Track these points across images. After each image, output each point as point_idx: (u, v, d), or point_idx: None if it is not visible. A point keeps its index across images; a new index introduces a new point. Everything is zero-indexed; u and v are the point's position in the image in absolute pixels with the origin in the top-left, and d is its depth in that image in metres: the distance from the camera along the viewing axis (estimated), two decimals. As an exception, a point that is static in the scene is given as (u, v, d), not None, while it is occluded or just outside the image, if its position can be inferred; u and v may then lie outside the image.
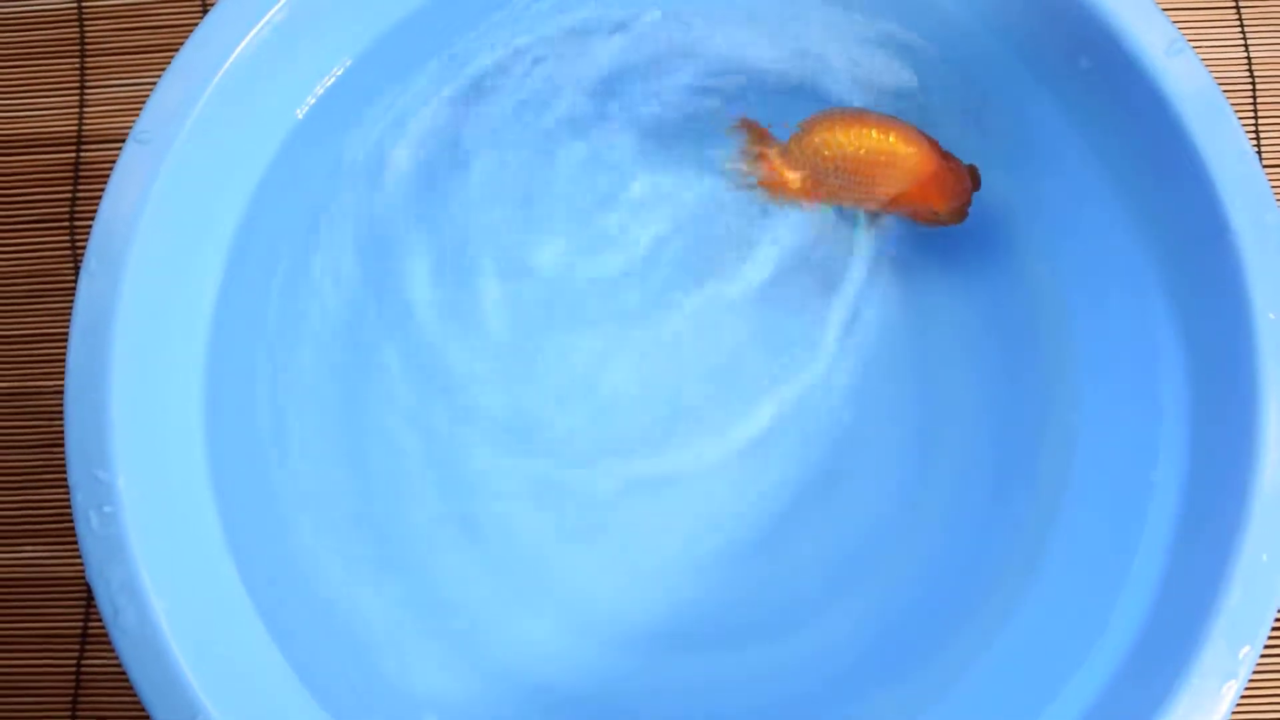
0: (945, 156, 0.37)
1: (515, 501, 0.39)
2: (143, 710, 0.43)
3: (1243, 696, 0.41)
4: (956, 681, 0.35)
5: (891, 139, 0.36)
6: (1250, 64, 0.46)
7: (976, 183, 0.38)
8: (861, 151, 0.37)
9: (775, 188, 0.38)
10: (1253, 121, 0.45)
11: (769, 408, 0.40)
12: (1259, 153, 0.45)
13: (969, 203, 0.37)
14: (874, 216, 0.39)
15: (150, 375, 0.33)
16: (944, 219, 0.38)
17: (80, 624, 0.44)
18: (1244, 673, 0.31)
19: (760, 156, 0.38)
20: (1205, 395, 0.34)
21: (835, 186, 0.38)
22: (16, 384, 0.45)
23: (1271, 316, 0.32)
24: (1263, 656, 0.41)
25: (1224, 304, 0.33)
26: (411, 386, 0.40)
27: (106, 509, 0.32)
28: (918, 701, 0.35)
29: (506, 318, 0.40)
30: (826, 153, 0.37)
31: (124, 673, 0.43)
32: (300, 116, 0.36)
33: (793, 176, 0.37)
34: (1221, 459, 0.33)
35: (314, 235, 0.38)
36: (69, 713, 0.43)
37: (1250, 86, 0.46)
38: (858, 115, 0.37)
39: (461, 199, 0.41)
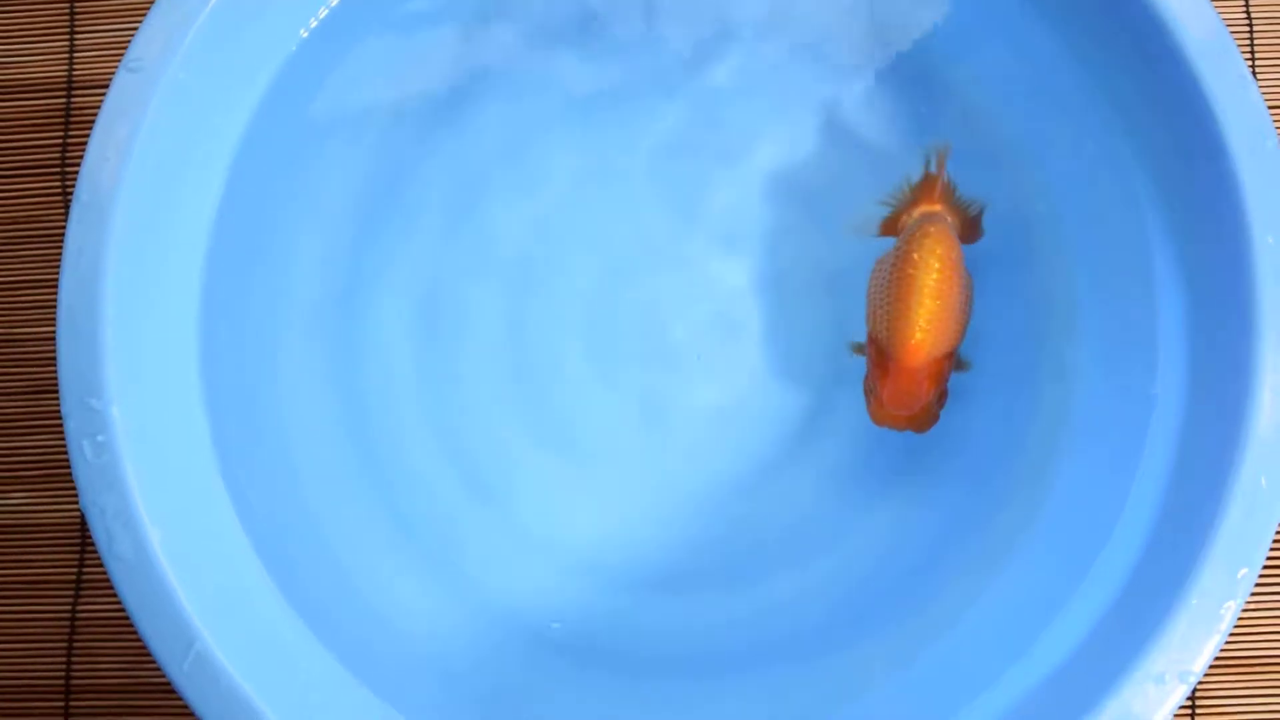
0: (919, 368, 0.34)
1: (508, 432, 0.39)
2: (138, 654, 0.43)
3: (1244, 629, 0.41)
4: (960, 616, 0.36)
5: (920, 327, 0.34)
6: (1248, 3, 0.46)
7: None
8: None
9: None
10: (1249, 58, 0.45)
11: (759, 345, 0.40)
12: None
13: (904, 420, 0.35)
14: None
15: (144, 303, 0.33)
16: (879, 400, 0.35)
17: (75, 570, 0.44)
18: (1242, 593, 0.31)
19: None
20: (1202, 318, 0.34)
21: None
22: (5, 330, 0.45)
23: (1270, 240, 0.32)
24: (1262, 586, 0.42)
25: (1221, 228, 0.33)
26: (410, 312, 0.39)
27: (100, 438, 0.32)
28: (929, 630, 0.35)
29: (512, 239, 0.40)
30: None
31: (119, 618, 0.43)
32: (300, 40, 0.36)
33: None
34: (1219, 384, 0.33)
35: (313, 161, 0.38)
36: (64, 657, 0.43)
37: (1248, 26, 0.45)
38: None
39: (473, 126, 0.40)
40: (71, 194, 0.46)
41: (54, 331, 0.44)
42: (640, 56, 0.41)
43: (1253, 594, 0.41)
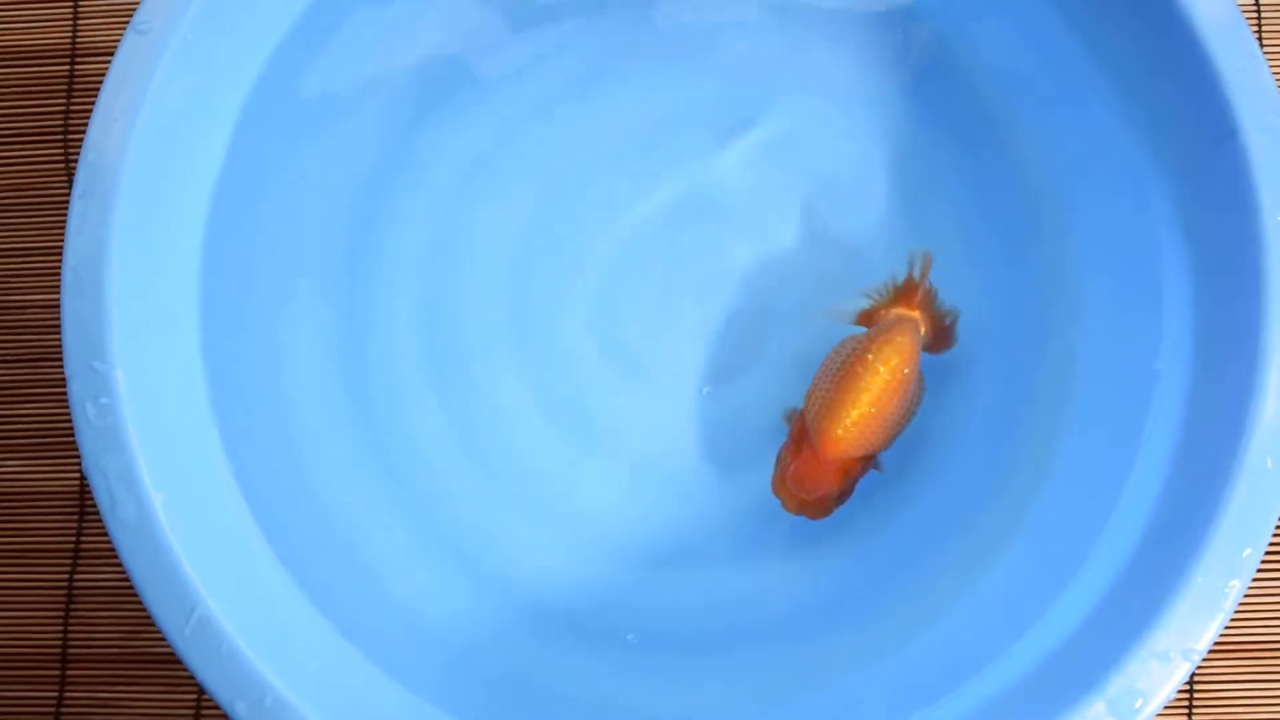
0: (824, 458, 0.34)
1: (514, 408, 0.39)
2: (136, 623, 0.43)
3: (1242, 614, 0.41)
4: (962, 594, 0.36)
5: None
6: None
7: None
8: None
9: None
10: (1256, 32, 0.45)
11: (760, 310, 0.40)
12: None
13: (791, 497, 0.35)
14: None
15: (148, 265, 0.33)
16: (783, 475, 0.35)
17: (73, 539, 0.43)
18: (1247, 572, 0.31)
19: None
20: (1209, 298, 0.34)
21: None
22: (4, 297, 0.45)
23: (1280, 219, 0.32)
24: (1261, 572, 0.42)
25: (1231, 208, 0.33)
26: (415, 279, 0.39)
27: (103, 400, 0.32)
28: (930, 608, 0.35)
29: (517, 211, 0.40)
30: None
31: (117, 587, 0.43)
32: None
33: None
34: (1225, 363, 0.33)
35: (320, 125, 0.38)
36: (61, 626, 0.43)
37: (1255, 8, 0.45)
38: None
39: (494, 81, 0.40)
40: (74, 161, 0.46)
41: (54, 299, 0.44)
42: (643, 26, 0.41)
43: (1252, 579, 0.41)
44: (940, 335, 0.37)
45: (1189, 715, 0.41)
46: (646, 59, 0.41)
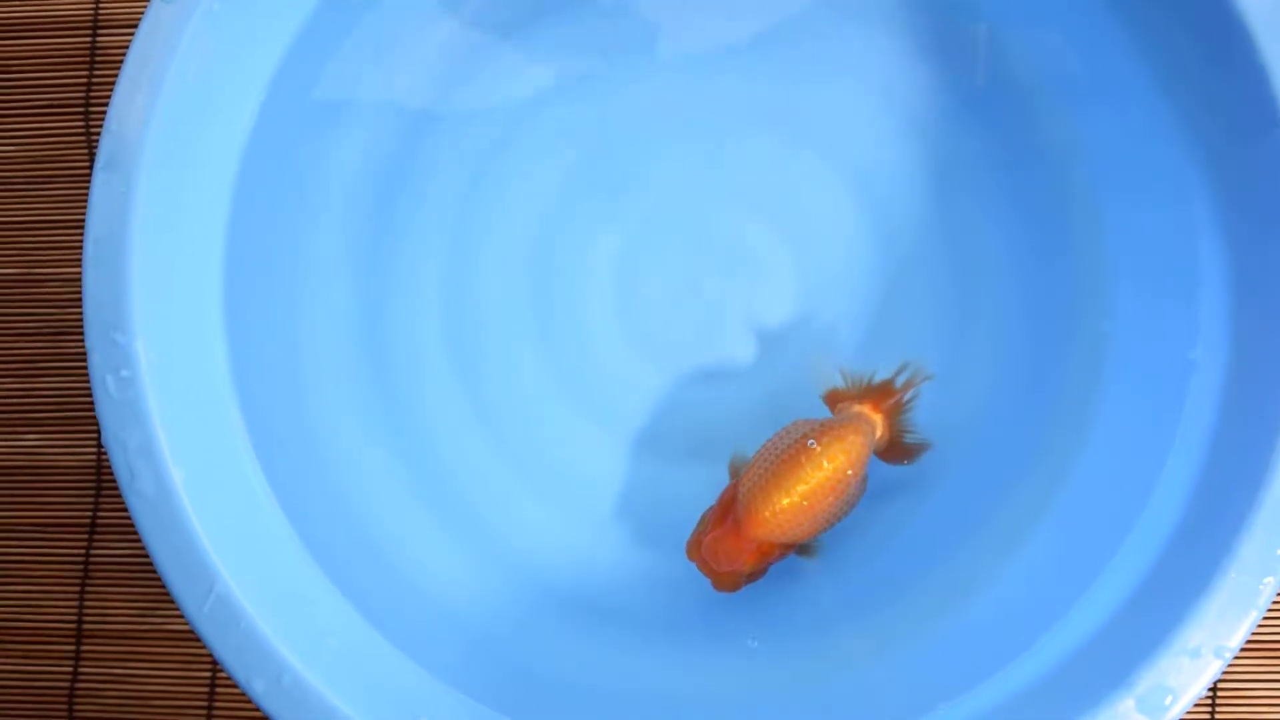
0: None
1: (534, 390, 0.39)
2: (151, 599, 0.43)
3: (1269, 613, 0.41)
4: (989, 585, 0.35)
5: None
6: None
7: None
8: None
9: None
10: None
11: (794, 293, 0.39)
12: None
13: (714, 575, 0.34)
14: None
15: (170, 238, 0.32)
16: (699, 538, 0.34)
17: (89, 514, 0.43)
18: (1282, 570, 0.30)
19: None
20: (1248, 291, 0.33)
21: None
22: (25, 270, 0.44)
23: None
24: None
25: (1271, 198, 0.32)
26: (437, 258, 0.39)
27: (124, 373, 0.32)
28: (957, 597, 0.35)
29: (538, 197, 0.39)
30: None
31: (133, 562, 0.43)
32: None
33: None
34: (1264, 357, 0.32)
35: (347, 101, 0.37)
36: (76, 601, 0.43)
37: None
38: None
39: (518, 51, 0.39)
40: (96, 134, 0.45)
41: (75, 273, 0.44)
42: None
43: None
44: (896, 449, 0.36)
45: (1212, 713, 0.41)
46: (679, 40, 0.40)
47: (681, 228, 0.40)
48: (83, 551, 0.43)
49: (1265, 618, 0.41)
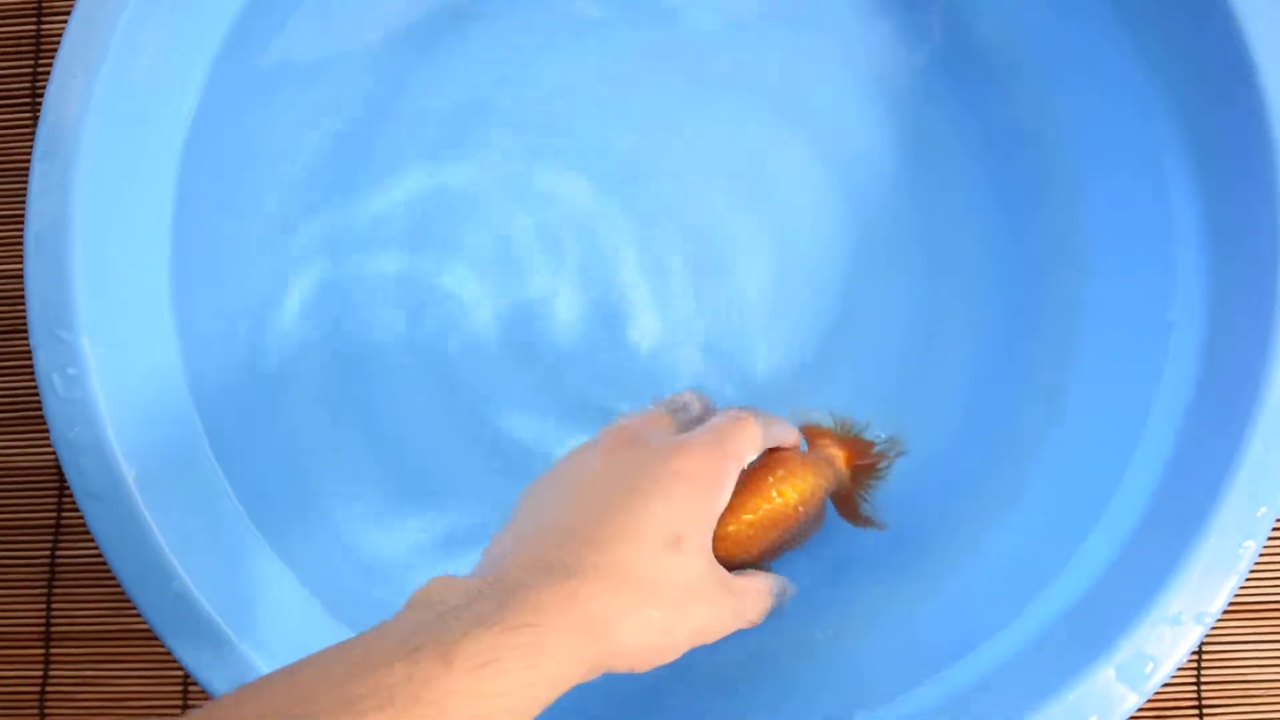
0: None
1: (502, 382, 0.38)
2: (120, 599, 0.42)
3: (1253, 573, 0.40)
4: (967, 558, 0.35)
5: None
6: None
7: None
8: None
9: None
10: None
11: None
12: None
13: None
14: None
15: (115, 229, 0.32)
16: None
17: (53, 515, 0.42)
18: (1262, 532, 0.30)
19: None
20: (1224, 253, 0.32)
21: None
22: (-23, 268, 0.43)
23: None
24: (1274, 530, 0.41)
25: (1246, 152, 0.31)
26: (399, 241, 0.38)
27: (71, 370, 0.31)
28: (937, 573, 0.35)
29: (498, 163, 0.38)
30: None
31: (100, 563, 0.42)
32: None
33: None
34: (1240, 319, 0.31)
35: (296, 76, 0.36)
36: (43, 601, 0.42)
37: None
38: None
39: (465, 45, 0.38)
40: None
41: (21, 269, 0.43)
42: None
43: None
44: (849, 508, 0.35)
45: (1198, 675, 0.40)
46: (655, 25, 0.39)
47: (657, 204, 0.39)
48: (48, 553, 0.42)
49: (1249, 579, 0.40)
